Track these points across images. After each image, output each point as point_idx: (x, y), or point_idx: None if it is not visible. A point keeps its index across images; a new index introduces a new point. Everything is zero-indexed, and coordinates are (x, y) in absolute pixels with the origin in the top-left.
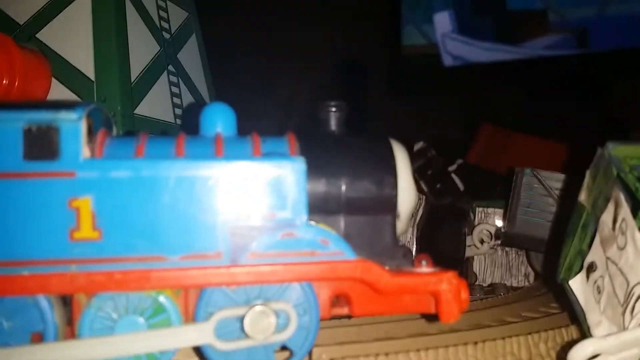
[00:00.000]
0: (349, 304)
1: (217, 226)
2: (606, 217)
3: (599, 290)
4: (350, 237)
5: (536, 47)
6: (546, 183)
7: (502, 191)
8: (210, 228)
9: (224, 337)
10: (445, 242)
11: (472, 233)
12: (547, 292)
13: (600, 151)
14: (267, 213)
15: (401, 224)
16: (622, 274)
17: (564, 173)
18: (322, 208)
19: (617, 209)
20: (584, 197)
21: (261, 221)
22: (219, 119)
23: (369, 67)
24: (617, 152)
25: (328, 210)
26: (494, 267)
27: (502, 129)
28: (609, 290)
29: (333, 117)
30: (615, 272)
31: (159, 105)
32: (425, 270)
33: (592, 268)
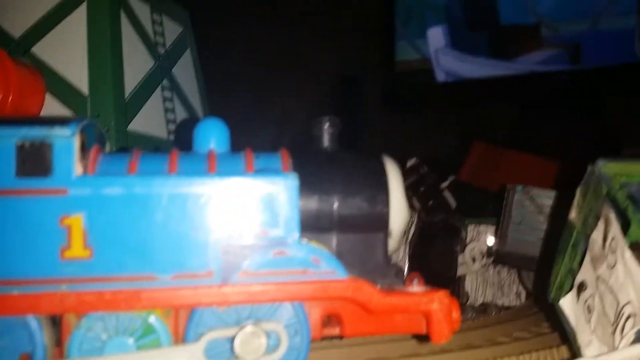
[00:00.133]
0: (341, 324)
1: (209, 244)
2: (596, 236)
3: (589, 310)
4: (342, 255)
5: (529, 62)
6: (537, 200)
7: (494, 208)
8: (202, 246)
9: (214, 358)
10: (437, 260)
11: (464, 251)
12: (538, 311)
13: (590, 168)
14: (259, 231)
15: (393, 242)
16: (612, 293)
17: (555, 190)
18: (314, 225)
19: (607, 227)
20: (574, 215)
21: (253, 239)
22: (212, 135)
23: (364, 83)
24: (608, 169)
25: (320, 227)
26: (486, 285)
27: (494, 147)
28: (600, 310)
29: (326, 133)
30: (606, 291)
31: (152, 121)
32: (417, 289)
33: (582, 287)
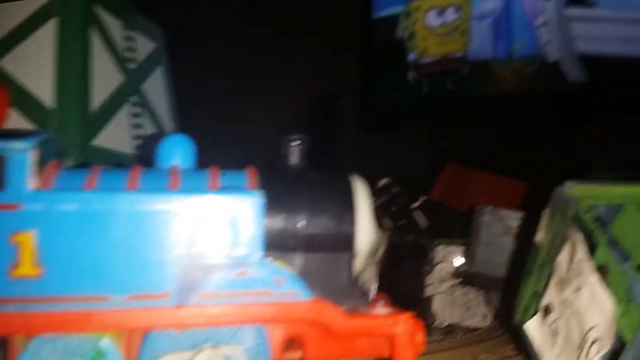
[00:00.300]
0: (303, 347)
1: (167, 264)
2: (562, 258)
3: (554, 334)
4: (307, 275)
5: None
6: (506, 222)
7: (463, 228)
8: (159, 266)
9: None
10: (406, 280)
11: (432, 271)
12: (504, 332)
13: (557, 190)
14: (221, 250)
15: (360, 262)
16: (578, 316)
17: (523, 211)
18: (279, 244)
19: (574, 250)
20: (540, 237)
21: (215, 259)
22: (177, 151)
23: (339, 102)
24: (575, 191)
25: (285, 246)
26: (453, 307)
27: (464, 168)
28: (565, 334)
29: (295, 151)
30: (571, 315)
31: (118, 137)
32: (382, 311)
33: (548, 310)
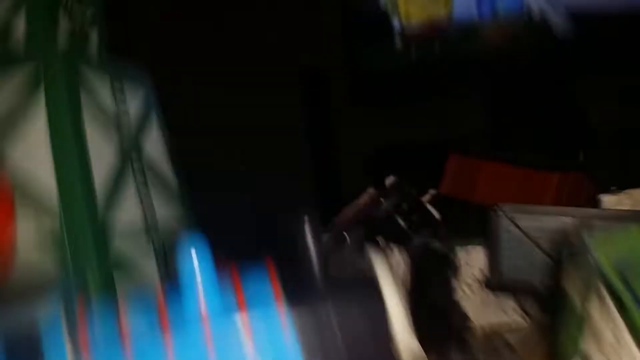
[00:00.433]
0: None
1: None
2: (593, 310)
3: None
4: None
5: None
6: (521, 224)
7: (478, 223)
8: None
9: None
10: (435, 295)
11: (457, 277)
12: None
13: (578, 237)
14: None
15: None
16: None
17: (536, 204)
18: None
19: (602, 303)
20: (568, 285)
21: None
22: (197, 268)
23: (332, 76)
24: (597, 244)
25: None
26: (485, 306)
27: (470, 159)
28: None
29: (307, 237)
30: None
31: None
32: None
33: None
